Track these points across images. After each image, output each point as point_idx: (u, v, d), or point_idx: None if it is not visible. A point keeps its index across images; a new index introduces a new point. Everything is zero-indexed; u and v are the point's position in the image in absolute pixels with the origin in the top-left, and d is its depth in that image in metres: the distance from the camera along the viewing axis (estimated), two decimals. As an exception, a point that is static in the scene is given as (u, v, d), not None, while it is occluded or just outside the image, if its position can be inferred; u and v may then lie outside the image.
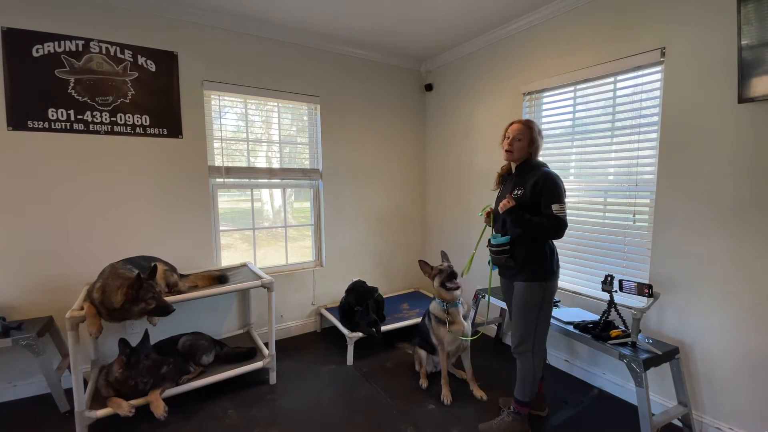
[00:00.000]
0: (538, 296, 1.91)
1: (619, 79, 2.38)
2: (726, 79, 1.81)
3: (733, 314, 1.87)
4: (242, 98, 3.05)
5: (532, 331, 1.93)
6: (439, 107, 3.74)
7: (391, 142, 3.74)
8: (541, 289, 1.91)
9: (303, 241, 3.54)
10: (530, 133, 1.96)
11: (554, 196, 1.85)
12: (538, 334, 1.94)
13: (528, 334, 1.94)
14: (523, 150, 1.97)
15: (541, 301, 1.91)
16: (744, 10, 1.66)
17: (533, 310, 1.92)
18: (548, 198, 1.86)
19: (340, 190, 3.49)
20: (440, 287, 2.40)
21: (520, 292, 1.96)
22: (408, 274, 3.96)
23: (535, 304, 1.92)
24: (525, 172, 1.98)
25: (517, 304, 1.97)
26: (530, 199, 1.89)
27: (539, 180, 1.88)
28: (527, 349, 1.95)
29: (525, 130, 1.97)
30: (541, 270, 1.91)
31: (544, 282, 1.91)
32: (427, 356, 2.57)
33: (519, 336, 1.97)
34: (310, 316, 3.43)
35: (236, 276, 2.70)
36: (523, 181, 1.95)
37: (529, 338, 1.94)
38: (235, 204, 3.31)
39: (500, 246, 1.99)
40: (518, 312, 1.97)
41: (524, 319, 1.95)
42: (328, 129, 3.38)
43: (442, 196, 3.79)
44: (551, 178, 1.88)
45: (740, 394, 1.86)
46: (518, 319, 1.98)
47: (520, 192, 1.94)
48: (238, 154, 3.12)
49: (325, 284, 3.47)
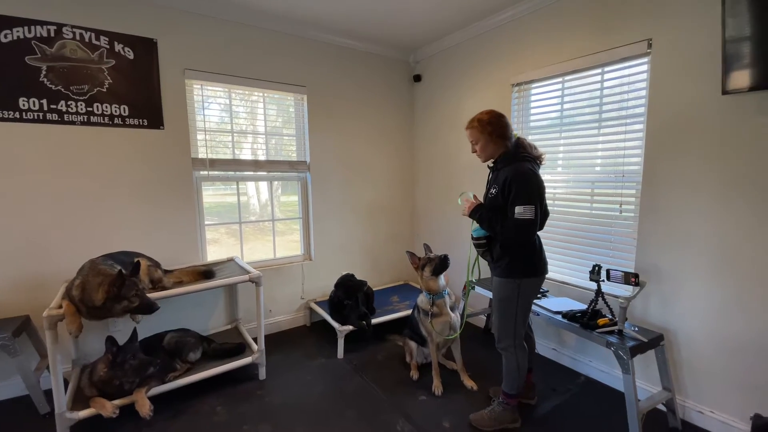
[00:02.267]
0: (512, 293, 1.87)
1: (606, 70, 2.39)
2: (711, 71, 1.84)
3: (715, 301, 1.92)
4: (226, 88, 2.96)
5: (511, 327, 1.91)
6: (428, 98, 3.71)
7: (380, 134, 3.70)
8: (514, 285, 1.86)
9: (291, 234, 3.49)
10: (481, 131, 1.86)
11: (519, 196, 1.73)
12: (518, 329, 1.91)
13: (507, 331, 1.92)
14: (488, 149, 1.89)
15: (517, 298, 1.87)
16: (729, 3, 1.67)
17: (509, 306, 1.89)
18: (513, 199, 1.75)
19: (329, 183, 3.44)
20: (431, 276, 2.39)
21: (496, 288, 1.94)
22: (397, 266, 3.96)
23: (510, 301, 1.88)
24: (500, 167, 1.88)
25: (495, 299, 1.96)
26: (501, 201, 1.80)
27: (509, 177, 1.77)
28: (508, 344, 1.93)
29: (475, 134, 1.89)
30: (516, 267, 1.85)
31: (518, 279, 1.85)
32: (417, 348, 2.58)
33: (498, 332, 1.96)
34: (299, 311, 3.39)
35: (223, 271, 2.64)
36: (497, 178, 1.87)
37: (509, 334, 1.92)
38: (221, 198, 3.23)
39: (478, 239, 1.97)
40: (496, 307, 1.96)
41: (501, 315, 1.93)
42: (316, 120, 3.32)
43: (430, 188, 3.78)
44: (519, 176, 1.76)
45: (721, 379, 1.92)
46: (496, 314, 1.97)
47: (494, 190, 1.85)
48: (223, 146, 3.04)
49: (314, 278, 3.43)
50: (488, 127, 1.87)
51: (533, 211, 1.74)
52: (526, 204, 1.73)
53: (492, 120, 1.88)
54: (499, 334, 1.96)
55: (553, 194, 2.71)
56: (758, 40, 1.61)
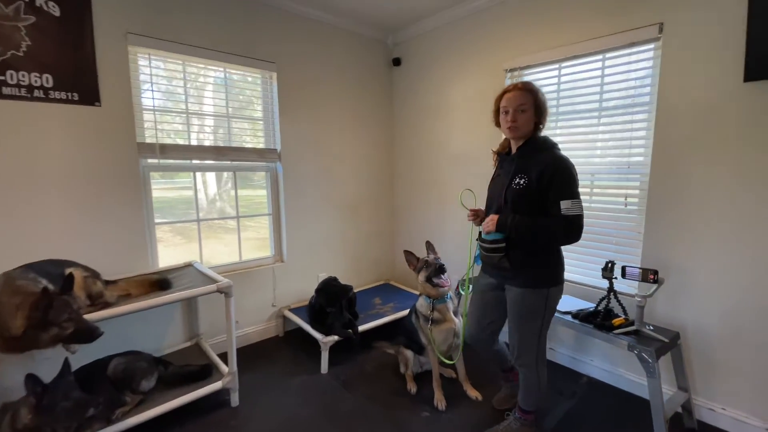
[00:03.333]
0: (539, 306, 1.64)
1: (608, 57, 2.27)
2: (730, 57, 1.75)
3: (729, 297, 1.86)
4: (180, 59, 2.47)
5: (534, 343, 1.69)
6: (408, 84, 3.44)
7: (358, 120, 3.38)
8: (542, 297, 1.63)
9: (259, 232, 3.07)
10: (534, 98, 1.60)
11: (565, 189, 1.52)
12: (541, 345, 1.71)
13: (529, 346, 1.70)
14: (530, 122, 1.62)
15: (544, 310, 1.66)
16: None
17: (534, 319, 1.66)
18: (557, 192, 1.52)
19: (302, 174, 3.07)
20: (426, 282, 2.15)
21: (517, 300, 1.68)
22: (377, 264, 3.68)
23: (536, 314, 1.65)
24: (530, 153, 1.64)
25: (515, 314, 1.71)
26: (536, 191, 1.57)
27: (548, 167, 1.54)
28: (530, 361, 1.72)
29: (527, 96, 1.59)
30: (543, 275, 1.64)
31: (546, 289, 1.63)
32: (414, 357, 2.33)
33: (519, 348, 1.73)
34: (270, 320, 3.00)
35: (180, 279, 2.20)
36: (526, 167, 1.61)
37: (531, 350, 1.70)
38: (177, 192, 2.74)
39: (494, 243, 1.68)
40: (516, 322, 1.71)
41: (523, 330, 1.69)
42: (287, 103, 2.92)
43: (412, 180, 3.54)
44: (564, 166, 1.55)
45: (733, 375, 1.88)
46: (516, 329, 1.72)
47: (523, 181, 1.60)
48: (177, 129, 2.56)
49: (287, 282, 3.05)
50: (539, 95, 1.63)
51: (581, 205, 1.54)
52: (573, 198, 1.53)
53: (544, 96, 1.65)
54: (520, 349, 1.73)
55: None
56: (791, 23, 1.53)
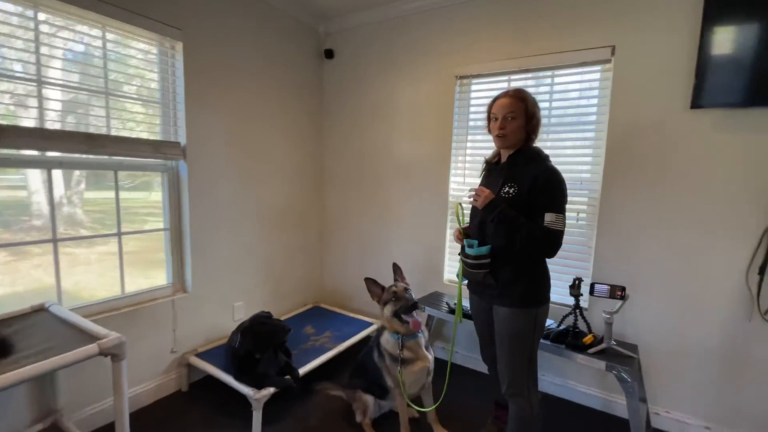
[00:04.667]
0: (529, 326, 1.53)
1: (557, 74, 2.31)
2: (679, 83, 1.89)
3: (671, 308, 2.00)
4: (31, 1, 1.64)
5: (525, 367, 1.55)
6: (343, 81, 3.06)
7: (284, 116, 2.84)
8: (531, 317, 1.53)
9: (148, 254, 2.28)
10: (525, 106, 1.51)
11: (553, 202, 1.46)
12: (533, 369, 1.57)
13: (521, 372, 1.55)
14: (520, 131, 1.52)
15: (533, 332, 1.54)
16: (709, 18, 1.72)
17: (524, 342, 1.53)
18: (544, 203, 1.46)
19: (214, 177, 2.40)
20: (393, 318, 1.81)
21: (505, 321, 1.55)
22: (302, 284, 3.15)
23: (526, 336, 1.53)
24: (520, 163, 1.55)
25: (503, 336, 1.56)
26: (526, 202, 1.48)
27: (539, 177, 1.47)
28: (522, 390, 1.56)
29: (517, 104, 1.51)
30: (531, 293, 1.53)
31: (535, 309, 1.53)
32: (375, 402, 1.95)
33: (510, 376, 1.57)
34: (169, 371, 2.24)
35: (28, 333, 1.42)
36: (516, 176, 1.52)
37: (523, 376, 1.55)
38: (12, 192, 1.81)
39: (478, 258, 1.54)
40: (505, 345, 1.57)
41: (514, 354, 1.55)
42: (197, 85, 2.24)
43: (348, 188, 3.14)
44: (556, 179, 1.49)
45: (674, 381, 2.01)
46: (505, 353, 1.57)
47: (512, 190, 1.51)
48: (22, 105, 1.68)
49: (192, 318, 2.33)
50: (530, 103, 1.51)
51: (564, 222, 1.47)
52: (559, 213, 1.46)
53: (536, 106, 1.53)
54: (511, 377, 1.56)
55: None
56: (737, 57, 1.69)
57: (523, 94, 1.54)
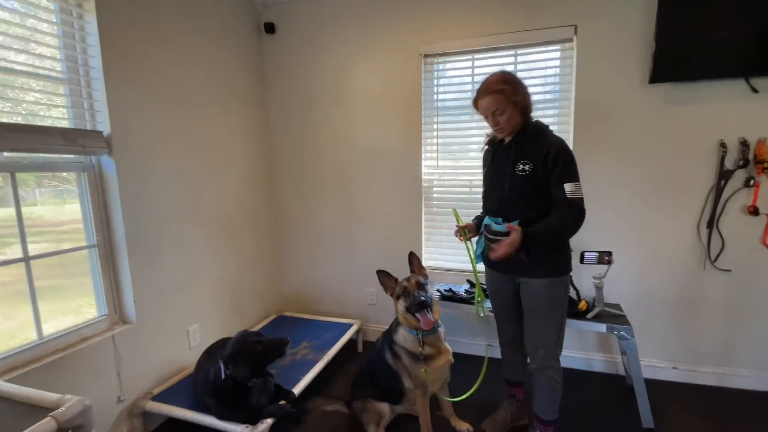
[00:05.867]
0: (563, 294, 1.57)
1: (519, 52, 2.35)
2: (638, 60, 2.04)
3: (636, 267, 2.20)
4: None
5: (557, 338, 1.57)
6: (288, 60, 2.70)
7: (223, 102, 2.40)
8: (563, 284, 1.57)
9: (64, 282, 1.72)
10: (506, 98, 1.48)
11: (569, 172, 1.46)
12: (561, 339, 1.60)
13: (555, 344, 1.57)
14: (514, 120, 1.52)
15: (565, 299, 1.58)
16: (664, 2, 1.88)
17: (558, 312, 1.56)
18: (561, 174, 1.45)
19: (151, 176, 1.91)
20: (407, 313, 1.66)
21: (541, 293, 1.54)
22: (261, 294, 2.76)
23: (559, 306, 1.56)
24: (527, 139, 1.53)
25: (538, 308, 1.56)
26: (543, 175, 1.48)
27: (551, 149, 1.46)
28: (553, 361, 1.58)
29: (497, 100, 1.48)
30: (562, 262, 1.56)
31: (566, 275, 1.57)
32: (390, 409, 1.77)
33: (544, 348, 1.57)
34: (119, 426, 1.74)
35: None
36: (526, 152, 1.51)
37: (554, 348, 1.58)
38: None
39: (508, 234, 1.48)
40: (538, 317, 1.57)
41: (548, 326, 1.56)
42: (119, 58, 1.73)
43: (302, 183, 2.81)
44: (566, 148, 1.49)
45: (643, 331, 2.22)
46: (539, 326, 1.57)
47: (527, 167, 1.49)
48: None
49: (140, 355, 1.84)
50: (509, 92, 1.47)
51: (581, 189, 1.48)
52: (576, 181, 1.47)
53: (518, 85, 1.51)
54: (546, 350, 1.57)
55: (470, 181, 2.50)
56: (690, 34, 1.88)
57: (498, 86, 1.49)
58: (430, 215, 2.61)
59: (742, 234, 2.01)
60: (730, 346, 2.13)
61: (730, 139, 1.97)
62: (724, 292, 2.09)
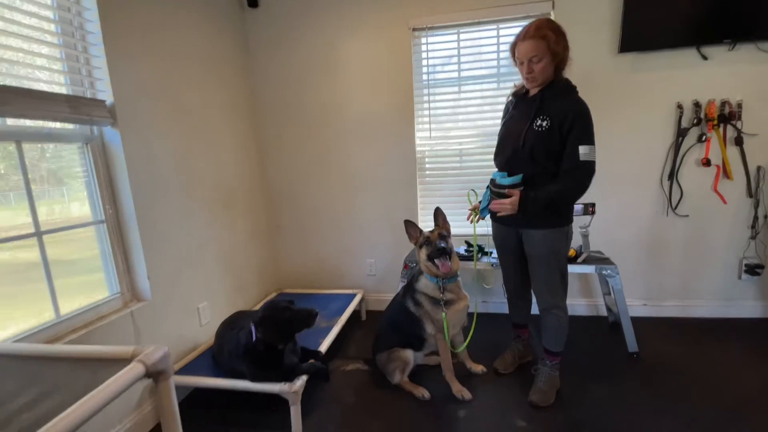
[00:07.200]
0: (563, 243, 1.69)
1: (501, 26, 2.52)
2: (610, 31, 2.27)
3: (609, 216, 2.48)
4: None
5: (560, 282, 1.73)
6: (272, 33, 2.67)
7: (211, 75, 2.33)
8: (563, 234, 1.68)
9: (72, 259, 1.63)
10: (548, 46, 1.49)
11: (585, 134, 1.51)
12: (565, 282, 1.75)
13: (558, 287, 1.73)
14: (548, 69, 1.54)
15: (566, 248, 1.73)
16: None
17: (560, 258, 1.70)
18: (578, 136, 1.50)
19: (155, 149, 1.85)
20: (428, 261, 1.78)
21: (542, 242, 1.68)
22: (260, 273, 2.74)
23: (561, 252, 1.70)
24: (553, 96, 1.58)
25: (543, 256, 1.70)
26: (557, 136, 1.53)
27: (572, 110, 1.51)
28: (559, 302, 1.74)
29: (539, 45, 1.49)
30: (563, 213, 1.67)
31: (567, 226, 1.69)
32: (414, 356, 1.89)
33: (549, 292, 1.73)
34: (142, 404, 1.70)
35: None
36: (548, 109, 1.56)
37: (558, 291, 1.73)
38: None
39: (512, 187, 1.62)
40: (542, 263, 1.71)
41: (551, 271, 1.70)
42: (118, 19, 1.65)
43: (293, 157, 2.81)
44: (587, 111, 1.54)
45: (617, 274, 2.53)
46: (543, 271, 1.72)
47: (545, 123, 1.55)
48: None
49: (157, 331, 1.80)
50: (551, 41, 1.49)
51: (595, 152, 1.56)
52: (592, 144, 1.54)
53: (562, 35, 1.53)
54: (550, 293, 1.73)
55: (460, 150, 2.65)
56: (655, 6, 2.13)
57: (543, 31, 1.50)
58: (424, 184, 2.73)
59: (698, 183, 2.34)
60: (689, 281, 2.48)
61: (685, 101, 2.27)
62: (683, 235, 2.43)
